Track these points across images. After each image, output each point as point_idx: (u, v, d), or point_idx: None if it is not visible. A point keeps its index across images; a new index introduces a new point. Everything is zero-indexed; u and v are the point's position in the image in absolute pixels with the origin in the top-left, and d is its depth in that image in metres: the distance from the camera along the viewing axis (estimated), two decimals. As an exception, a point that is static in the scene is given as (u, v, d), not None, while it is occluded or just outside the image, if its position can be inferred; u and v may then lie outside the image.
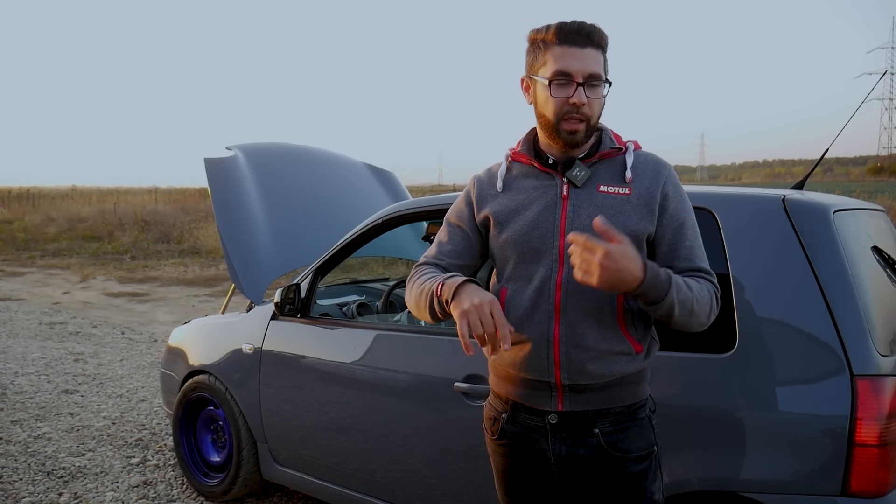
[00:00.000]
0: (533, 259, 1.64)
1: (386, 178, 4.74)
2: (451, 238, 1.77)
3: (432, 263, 1.75)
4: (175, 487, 3.72)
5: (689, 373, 2.11)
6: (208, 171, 3.77)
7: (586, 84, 1.58)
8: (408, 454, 2.73)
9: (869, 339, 1.92)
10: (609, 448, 1.63)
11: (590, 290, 1.59)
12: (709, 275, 1.64)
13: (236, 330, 3.47)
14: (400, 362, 2.76)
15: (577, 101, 1.57)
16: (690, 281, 1.57)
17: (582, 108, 1.58)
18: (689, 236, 1.64)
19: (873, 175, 72.85)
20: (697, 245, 1.65)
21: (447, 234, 1.78)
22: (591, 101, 1.59)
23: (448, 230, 1.79)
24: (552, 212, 1.64)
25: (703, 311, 1.57)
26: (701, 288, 1.58)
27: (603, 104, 1.63)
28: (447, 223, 1.80)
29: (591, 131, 1.63)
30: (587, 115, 1.60)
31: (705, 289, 1.59)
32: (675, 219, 1.64)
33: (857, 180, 62.53)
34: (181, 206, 23.58)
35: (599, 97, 1.60)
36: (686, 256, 1.63)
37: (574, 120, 1.59)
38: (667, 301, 1.49)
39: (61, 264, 14.45)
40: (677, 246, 1.63)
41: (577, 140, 1.62)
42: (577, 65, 1.57)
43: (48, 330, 7.90)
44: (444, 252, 1.76)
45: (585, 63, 1.57)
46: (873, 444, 1.85)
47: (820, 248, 2.02)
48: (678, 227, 1.64)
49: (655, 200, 1.63)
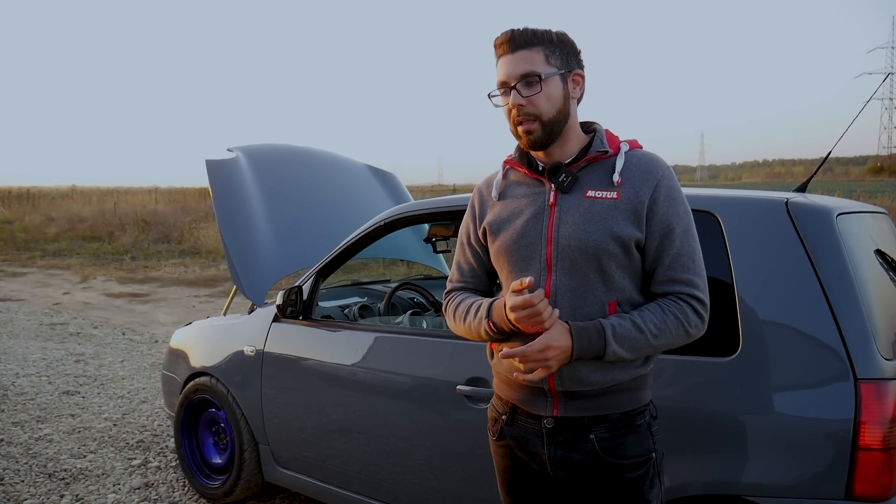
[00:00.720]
0: (523, 267, 1.65)
1: (387, 179, 4.74)
2: (465, 258, 1.83)
3: (458, 290, 1.82)
4: (176, 489, 3.72)
5: (692, 376, 2.11)
6: (210, 172, 3.77)
7: (519, 84, 1.59)
8: (409, 457, 2.73)
9: (873, 342, 1.92)
10: (604, 454, 1.63)
11: (577, 297, 1.59)
12: (689, 286, 1.59)
13: (238, 332, 3.47)
14: (402, 365, 2.76)
15: (512, 104, 1.61)
16: (648, 315, 1.56)
17: (522, 108, 1.60)
18: (676, 243, 1.59)
19: (873, 175, 72.83)
20: (686, 253, 1.60)
21: (462, 255, 1.84)
22: (530, 99, 1.59)
23: (461, 250, 1.84)
24: (540, 219, 1.64)
25: (668, 342, 1.58)
26: (664, 319, 1.56)
27: (555, 97, 1.61)
28: (460, 242, 1.85)
29: (550, 128, 1.62)
30: (533, 113, 1.60)
31: (671, 315, 1.56)
32: (662, 225, 1.59)
33: (857, 180, 62.53)
34: (181, 207, 23.57)
35: (536, 93, 1.59)
36: (669, 265, 1.59)
37: (522, 121, 1.61)
38: (608, 356, 1.54)
39: (61, 265, 14.46)
40: (662, 253, 1.60)
41: (535, 140, 1.62)
42: (507, 71, 1.61)
43: (49, 331, 7.90)
44: (464, 274, 1.83)
45: (514, 66, 1.60)
46: (877, 448, 1.84)
47: (823, 251, 2.02)
48: (666, 234, 1.59)
49: (643, 205, 1.59)
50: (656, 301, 1.61)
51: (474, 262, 1.81)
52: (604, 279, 1.59)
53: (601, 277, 1.59)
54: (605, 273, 1.59)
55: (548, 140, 1.62)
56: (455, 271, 1.84)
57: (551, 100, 1.60)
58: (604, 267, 1.58)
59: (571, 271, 1.60)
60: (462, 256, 1.84)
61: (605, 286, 1.60)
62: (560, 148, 1.66)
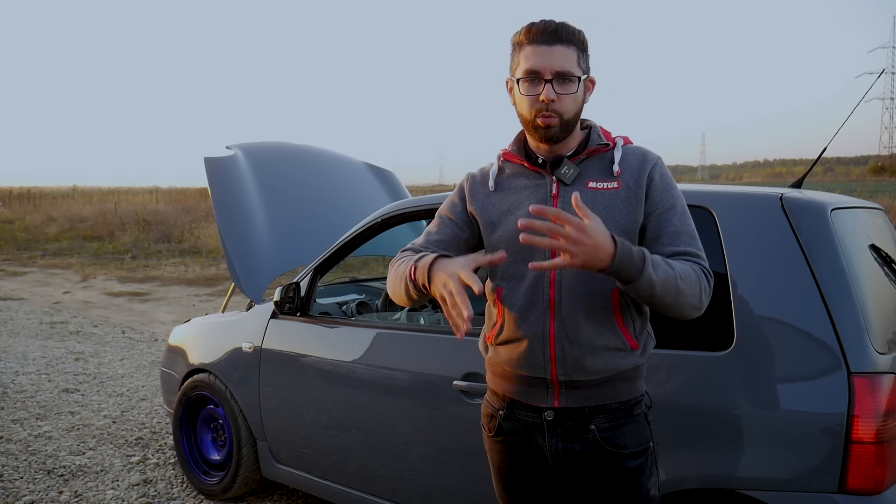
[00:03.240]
0: (525, 258, 1.65)
1: (386, 177, 4.75)
2: (441, 229, 1.77)
3: (416, 250, 1.73)
4: (175, 486, 3.73)
5: (687, 370, 2.11)
6: (208, 170, 3.78)
7: (555, 80, 1.59)
8: (407, 452, 2.73)
9: (866, 336, 1.93)
10: (605, 444, 1.64)
11: (583, 285, 1.60)
12: (696, 257, 1.59)
13: (236, 329, 3.48)
14: (399, 361, 2.77)
15: (545, 98, 1.59)
16: (672, 261, 1.54)
17: (552, 104, 1.60)
18: (674, 222, 1.61)
19: (874, 174, 72.79)
20: (685, 231, 1.61)
21: (437, 225, 1.79)
22: (561, 97, 1.60)
23: (438, 221, 1.79)
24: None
25: (691, 290, 1.51)
26: (685, 267, 1.53)
27: (579, 100, 1.64)
28: (438, 216, 1.81)
29: (566, 126, 1.64)
30: (558, 111, 1.61)
31: (690, 268, 1.54)
32: (658, 204, 1.62)
33: (857, 180, 62.47)
34: (182, 206, 23.59)
35: (570, 93, 1.61)
36: (670, 241, 1.60)
37: (546, 115, 1.61)
38: (644, 278, 1.44)
39: (62, 264, 14.47)
40: (661, 231, 1.62)
41: (551, 135, 1.63)
42: (544, 62, 1.59)
43: (49, 329, 7.91)
44: (431, 241, 1.75)
45: (553, 60, 1.59)
46: (870, 442, 1.85)
47: (817, 246, 2.03)
48: (662, 213, 1.62)
49: (642, 188, 1.63)
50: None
51: (448, 234, 1.75)
52: None
53: None
54: None
55: (562, 137, 1.65)
56: (422, 237, 1.76)
57: (577, 101, 1.63)
58: None
59: None
60: (435, 227, 1.77)
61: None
62: (563, 142, 1.68)
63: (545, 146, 1.68)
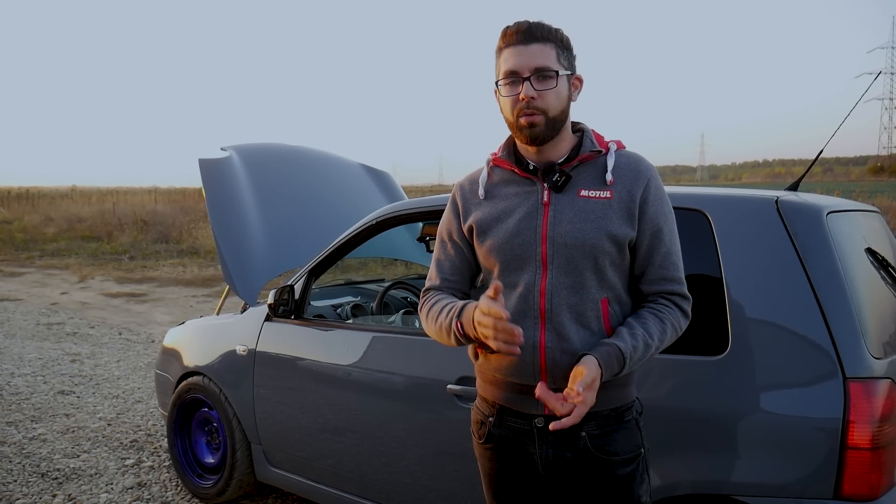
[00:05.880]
0: (517, 266, 1.64)
1: (381, 178, 4.73)
2: (447, 255, 1.79)
3: (436, 288, 1.78)
4: (169, 489, 3.71)
5: (681, 375, 2.10)
6: (203, 171, 3.76)
7: (534, 77, 1.59)
8: (402, 456, 2.72)
9: (862, 341, 1.91)
10: (595, 451, 1.63)
11: (573, 294, 1.60)
12: (679, 285, 1.66)
13: (230, 331, 3.46)
14: (394, 364, 2.75)
15: (524, 96, 1.59)
16: (653, 328, 1.59)
17: (532, 101, 1.59)
18: (665, 242, 1.65)
19: (873, 175, 72.82)
20: (675, 251, 1.67)
21: (442, 251, 1.80)
22: (542, 94, 1.59)
23: (442, 247, 1.81)
24: (534, 218, 1.64)
25: (664, 345, 1.64)
26: (663, 327, 1.61)
27: (562, 96, 1.62)
28: (440, 239, 1.82)
29: (552, 124, 1.62)
30: (541, 108, 1.60)
31: (668, 324, 1.61)
32: (653, 224, 1.64)
33: (857, 180, 62.51)
34: (180, 207, 23.57)
35: (550, 88, 1.60)
36: (661, 263, 1.64)
37: (528, 113, 1.60)
38: (626, 370, 1.57)
39: (60, 264, 14.45)
40: (654, 251, 1.64)
41: (536, 134, 1.61)
42: (521, 61, 1.60)
43: (45, 330, 7.89)
44: (444, 271, 1.79)
45: (529, 58, 1.59)
46: (866, 448, 1.84)
47: (813, 249, 2.01)
48: (656, 233, 1.64)
49: (636, 204, 1.63)
50: (652, 308, 1.63)
51: (456, 258, 1.78)
52: (598, 277, 1.61)
53: (596, 275, 1.61)
54: (599, 271, 1.61)
55: (548, 136, 1.63)
56: (434, 269, 1.81)
57: (560, 98, 1.62)
58: (599, 265, 1.61)
59: (567, 269, 1.60)
60: (442, 253, 1.80)
61: (598, 283, 1.62)
62: (553, 147, 1.66)
63: (534, 149, 1.66)
